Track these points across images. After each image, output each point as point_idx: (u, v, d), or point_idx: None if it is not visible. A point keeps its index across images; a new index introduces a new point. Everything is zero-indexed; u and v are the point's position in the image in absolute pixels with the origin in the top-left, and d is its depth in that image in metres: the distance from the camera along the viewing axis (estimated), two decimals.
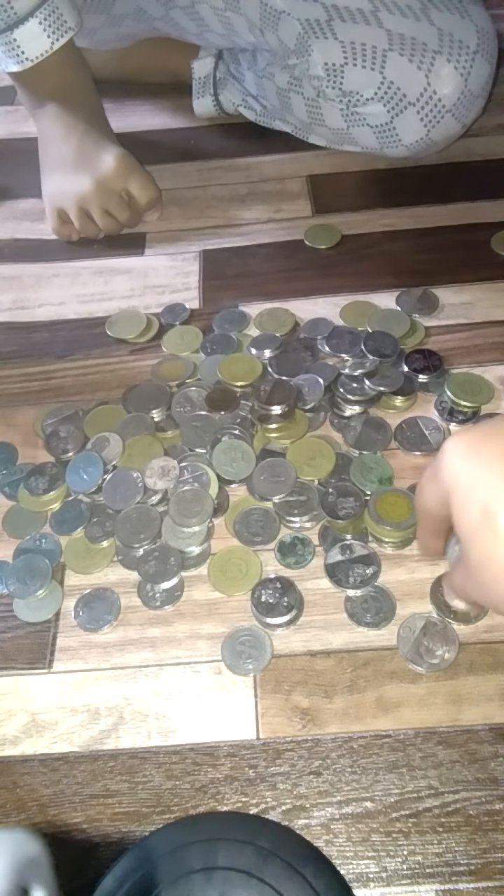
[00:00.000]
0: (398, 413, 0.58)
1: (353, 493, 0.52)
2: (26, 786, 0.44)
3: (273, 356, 0.60)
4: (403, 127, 0.67)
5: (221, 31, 0.74)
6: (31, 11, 0.63)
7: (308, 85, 0.69)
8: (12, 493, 0.56)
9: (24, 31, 0.63)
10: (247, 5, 0.69)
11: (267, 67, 0.74)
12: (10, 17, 0.62)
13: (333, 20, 0.65)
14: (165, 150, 0.84)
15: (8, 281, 0.73)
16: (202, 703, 0.46)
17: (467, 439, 0.35)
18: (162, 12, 0.76)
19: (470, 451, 0.35)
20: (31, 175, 0.76)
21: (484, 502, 0.33)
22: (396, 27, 0.63)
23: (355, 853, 0.40)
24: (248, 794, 0.42)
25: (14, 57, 0.65)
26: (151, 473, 0.54)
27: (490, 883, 0.39)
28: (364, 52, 0.64)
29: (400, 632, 0.47)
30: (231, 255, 0.72)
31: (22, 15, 0.62)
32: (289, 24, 0.67)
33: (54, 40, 0.65)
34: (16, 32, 0.63)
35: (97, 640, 0.49)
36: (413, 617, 0.47)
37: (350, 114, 0.69)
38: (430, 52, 0.63)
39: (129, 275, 0.72)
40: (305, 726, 0.44)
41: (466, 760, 0.42)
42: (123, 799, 0.43)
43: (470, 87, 0.64)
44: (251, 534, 0.52)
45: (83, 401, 0.61)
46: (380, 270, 0.69)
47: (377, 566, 0.49)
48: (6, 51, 0.65)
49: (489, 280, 0.67)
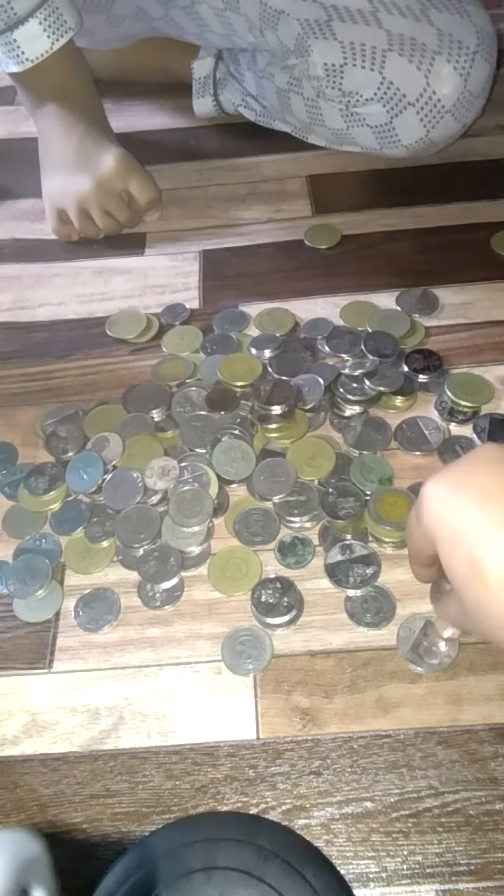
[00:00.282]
0: (398, 413, 0.58)
1: (353, 493, 0.52)
2: (26, 786, 0.44)
3: (273, 356, 0.60)
4: (403, 127, 0.67)
5: (221, 31, 0.74)
6: (31, 12, 0.63)
7: (308, 85, 0.69)
8: (12, 493, 0.56)
9: (24, 31, 0.63)
10: (246, 5, 0.69)
11: (267, 68, 0.74)
12: (10, 18, 0.62)
13: (333, 20, 0.65)
14: (165, 150, 0.84)
15: (8, 281, 0.73)
16: (202, 703, 0.46)
17: (446, 482, 0.35)
18: (162, 12, 0.76)
19: (449, 496, 0.34)
20: (31, 175, 0.76)
21: (469, 552, 0.32)
22: (396, 27, 0.63)
23: (355, 853, 0.40)
24: (248, 794, 0.42)
25: (14, 57, 0.65)
26: (151, 473, 0.54)
27: (490, 883, 0.39)
28: (364, 53, 0.64)
29: (399, 632, 0.47)
30: (231, 255, 0.72)
31: (22, 15, 0.62)
32: (288, 24, 0.67)
33: (54, 40, 0.65)
34: (16, 33, 0.63)
35: (97, 640, 0.49)
36: (413, 617, 0.47)
37: (350, 114, 0.69)
38: (429, 52, 0.63)
39: (129, 275, 0.72)
40: (305, 726, 0.44)
41: (466, 760, 0.42)
42: (123, 799, 0.43)
43: (469, 88, 0.64)
44: (251, 534, 0.52)
45: (83, 401, 0.61)
46: (380, 270, 0.69)
47: (377, 566, 0.49)
48: (6, 51, 0.65)
49: (489, 280, 0.67)
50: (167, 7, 0.75)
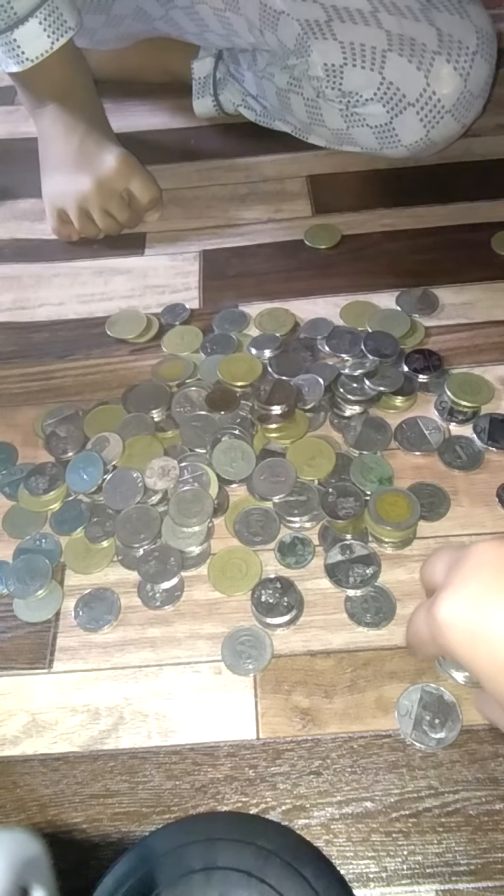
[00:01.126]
0: (398, 413, 0.58)
1: (353, 493, 0.52)
2: (26, 786, 0.44)
3: (273, 356, 0.60)
4: (403, 127, 0.67)
5: (221, 32, 0.74)
6: (31, 11, 0.63)
7: (308, 85, 0.69)
8: (12, 493, 0.56)
9: (25, 31, 0.63)
10: (246, 6, 0.69)
11: (267, 68, 0.74)
12: (11, 17, 0.62)
13: (333, 21, 0.65)
14: (165, 150, 0.84)
15: (8, 281, 0.73)
16: (202, 703, 0.46)
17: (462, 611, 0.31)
18: (161, 12, 0.76)
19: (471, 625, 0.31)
20: (31, 175, 0.76)
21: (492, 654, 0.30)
22: (396, 28, 0.63)
23: (355, 853, 0.40)
24: (248, 794, 0.42)
25: (14, 57, 0.65)
26: (151, 473, 0.54)
27: (490, 883, 0.39)
28: (363, 53, 0.64)
29: (398, 712, 0.44)
30: (231, 255, 0.72)
31: (22, 15, 0.62)
32: (288, 24, 0.67)
33: (54, 40, 0.65)
34: (16, 32, 0.63)
35: (97, 640, 0.49)
36: (407, 692, 0.44)
37: (350, 114, 0.69)
38: (429, 52, 0.63)
39: (129, 275, 0.72)
40: (305, 726, 0.44)
41: (466, 760, 0.42)
42: (123, 799, 0.43)
43: (469, 88, 0.64)
44: (251, 534, 0.52)
45: (83, 401, 0.61)
46: (380, 270, 0.69)
47: (377, 566, 0.49)
48: (6, 51, 0.65)
49: (489, 280, 0.67)
50: (167, 7, 0.75)
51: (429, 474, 0.54)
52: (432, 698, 0.44)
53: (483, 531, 0.51)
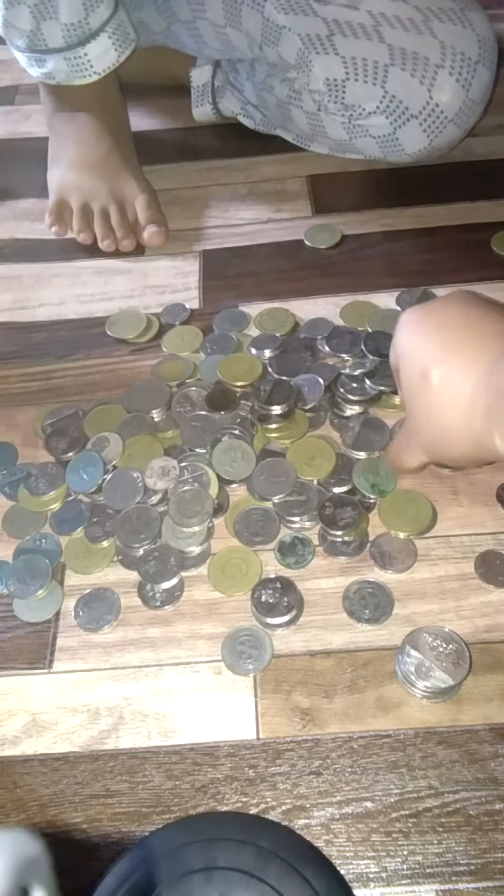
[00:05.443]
0: (398, 412, 0.58)
1: (349, 503, 0.52)
2: (26, 786, 0.44)
3: (273, 356, 0.60)
4: (406, 137, 0.67)
5: (218, 48, 0.74)
6: (103, 25, 0.63)
7: (308, 98, 0.69)
8: (12, 493, 0.56)
9: (95, 45, 0.64)
10: (248, 21, 0.69)
11: (266, 80, 0.74)
12: (84, 33, 0.62)
13: (334, 35, 0.65)
14: (165, 150, 0.84)
15: (8, 281, 0.73)
16: (202, 703, 0.46)
17: (414, 316, 0.44)
18: (163, 26, 0.76)
19: (414, 327, 0.43)
20: (31, 175, 0.76)
21: (422, 365, 0.41)
22: (398, 42, 0.63)
23: (355, 853, 0.40)
24: (248, 794, 0.42)
25: (80, 71, 0.66)
26: (151, 473, 0.54)
27: (490, 883, 0.39)
28: (365, 68, 0.64)
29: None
30: (231, 255, 0.72)
31: (95, 29, 0.62)
32: (289, 39, 0.67)
33: (120, 53, 0.65)
34: (87, 47, 0.63)
35: (97, 640, 0.49)
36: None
37: (352, 126, 0.69)
38: (431, 66, 0.63)
39: (129, 275, 0.72)
40: (305, 726, 0.44)
41: (466, 760, 0.42)
42: (123, 799, 0.43)
43: (471, 97, 0.64)
44: (251, 534, 0.52)
45: (83, 401, 0.61)
46: (380, 270, 0.69)
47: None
48: (73, 66, 0.65)
49: (489, 280, 0.67)
50: (169, 21, 0.75)
51: (429, 474, 0.54)
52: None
53: (483, 531, 0.51)
